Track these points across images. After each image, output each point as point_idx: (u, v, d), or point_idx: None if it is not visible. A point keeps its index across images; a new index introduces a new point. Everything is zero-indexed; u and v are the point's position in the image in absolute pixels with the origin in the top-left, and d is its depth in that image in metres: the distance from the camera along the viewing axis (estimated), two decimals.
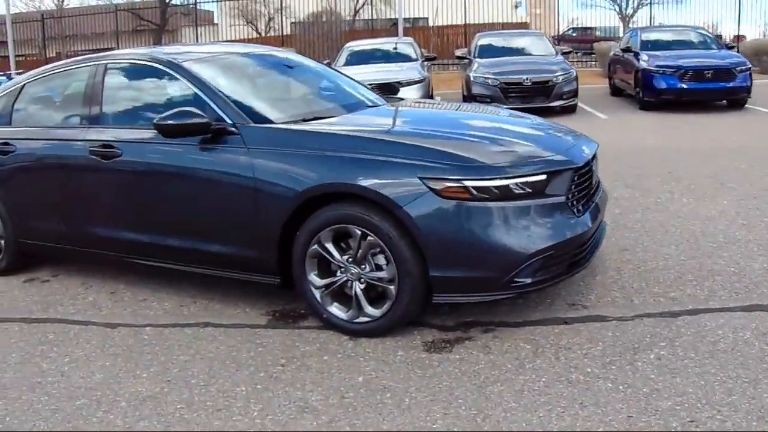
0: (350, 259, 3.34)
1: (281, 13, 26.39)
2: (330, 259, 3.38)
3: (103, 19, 24.32)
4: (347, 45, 12.94)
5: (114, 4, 23.66)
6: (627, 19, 21.16)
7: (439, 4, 24.99)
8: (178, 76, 3.88)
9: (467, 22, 25.40)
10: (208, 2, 26.64)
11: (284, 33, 27.57)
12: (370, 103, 4.46)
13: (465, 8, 24.74)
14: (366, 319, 3.35)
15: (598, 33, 28.68)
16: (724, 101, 11.39)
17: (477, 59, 12.03)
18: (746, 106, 11.47)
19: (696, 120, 10.47)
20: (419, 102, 4.89)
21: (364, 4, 25.77)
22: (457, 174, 3.11)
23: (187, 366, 3.18)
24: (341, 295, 3.43)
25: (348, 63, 11.62)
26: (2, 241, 4.66)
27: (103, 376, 3.13)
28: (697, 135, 9.26)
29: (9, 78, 12.77)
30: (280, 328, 3.56)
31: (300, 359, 3.19)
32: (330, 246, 3.36)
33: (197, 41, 24.86)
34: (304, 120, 3.76)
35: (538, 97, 10.92)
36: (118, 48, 24.48)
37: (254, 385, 2.98)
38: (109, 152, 3.94)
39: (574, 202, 3.44)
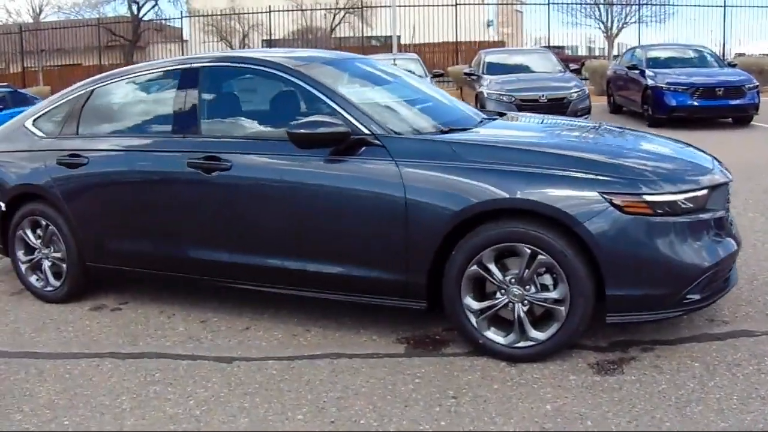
0: (513, 280, 3.06)
1: (255, 30, 26.08)
2: (491, 280, 3.09)
3: (75, 34, 23.42)
4: None
5: (86, 19, 22.82)
6: (612, 37, 21.65)
7: (414, 22, 25.10)
8: (296, 81, 3.50)
9: (442, 41, 25.64)
10: (181, 18, 26.09)
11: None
12: (485, 115, 4.18)
13: (439, 27, 24.96)
14: (529, 343, 3.09)
15: (568, 52, 29.33)
16: (730, 119, 11.60)
17: (487, 75, 11.90)
18: (751, 123, 11.68)
19: (707, 137, 10.37)
20: (533, 117, 4.67)
21: (340, 22, 25.65)
22: (636, 188, 2.92)
23: (344, 404, 2.82)
24: (496, 318, 3.16)
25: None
26: (63, 265, 4.12)
27: (249, 420, 2.72)
28: (717, 151, 9.28)
29: None
30: (424, 356, 3.24)
31: (469, 389, 2.90)
32: (492, 267, 3.07)
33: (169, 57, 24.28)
34: (441, 131, 3.46)
35: (554, 114, 10.95)
36: (99, 62, 23.74)
37: (437, 422, 2.67)
38: (215, 165, 3.51)
39: (729, 217, 3.34)
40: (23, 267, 4.26)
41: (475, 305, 3.14)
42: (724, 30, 19.29)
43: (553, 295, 3.03)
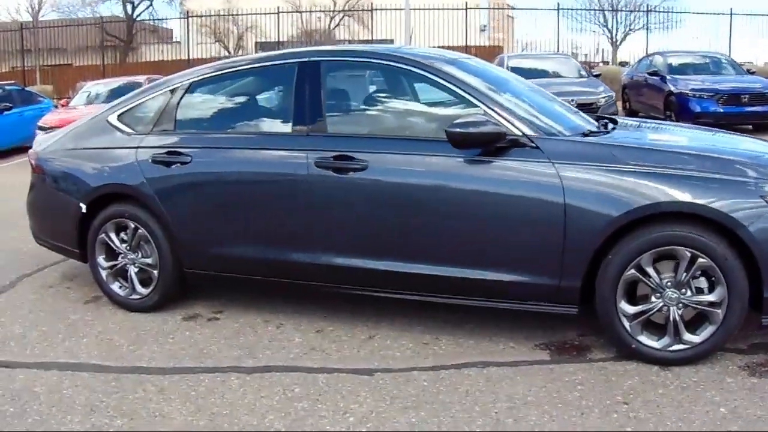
0: (670, 283, 2.93)
1: (251, 31, 25.71)
2: (647, 283, 2.95)
3: (68, 34, 22.77)
4: None
5: (81, 18, 22.22)
6: (617, 44, 21.78)
7: (413, 26, 24.93)
8: (435, 78, 3.29)
9: (436, 45, 25.51)
10: (178, 18, 25.59)
11: (246, 53, 26.85)
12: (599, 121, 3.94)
13: (436, 32, 24.83)
14: (683, 346, 2.98)
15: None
16: (750, 125, 11.55)
17: None
18: None
19: None
20: (651, 122, 4.58)
21: (338, 24, 25.40)
22: None
23: (518, 414, 2.65)
24: (647, 322, 3.03)
25: None
26: (154, 272, 3.80)
27: None
28: None
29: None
30: (573, 362, 3.10)
31: (636, 395, 2.78)
32: (651, 270, 2.94)
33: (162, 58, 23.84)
34: (584, 134, 3.28)
35: None
36: (103, 62, 23.07)
37: (623, 428, 2.52)
38: (348, 165, 3.26)
39: None
40: (104, 273, 3.93)
41: (630, 309, 3.01)
42: (730, 38, 19.50)
43: (710, 298, 2.96)
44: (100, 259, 3.92)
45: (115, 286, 3.92)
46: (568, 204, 2.98)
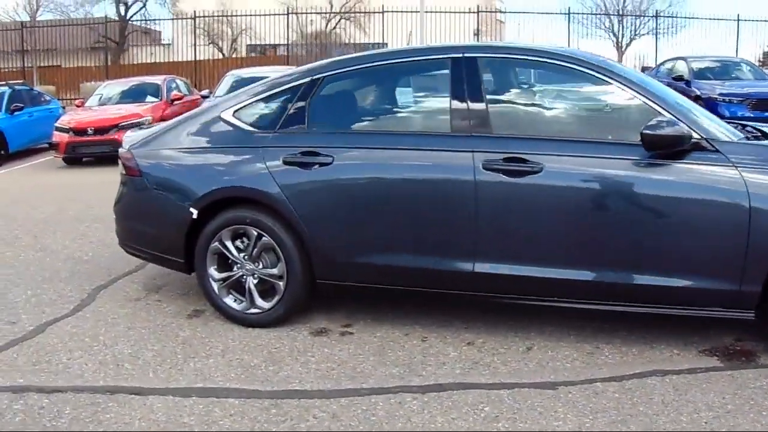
0: None
1: (245, 33, 25.15)
2: None
3: (60, 34, 21.92)
4: None
5: (74, 19, 21.37)
6: (623, 49, 21.81)
7: (405, 29, 24.69)
8: (609, 79, 3.05)
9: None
10: (168, 19, 24.87)
11: (241, 56, 26.29)
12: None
13: (431, 35, 24.63)
14: None
15: None
16: None
17: None
18: None
19: None
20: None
21: (335, 27, 24.97)
22: None
23: (729, 423, 2.44)
24: None
25: None
26: (280, 283, 3.38)
27: None
28: None
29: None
30: (747, 368, 2.91)
31: None
32: None
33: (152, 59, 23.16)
34: (747, 139, 3.11)
35: None
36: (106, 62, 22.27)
37: None
38: (521, 168, 2.98)
39: None
40: (215, 286, 3.49)
41: None
42: (738, 43, 19.66)
43: None
44: (212, 270, 3.48)
45: (229, 300, 3.49)
46: (753, 207, 2.79)
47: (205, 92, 10.84)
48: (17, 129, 10.70)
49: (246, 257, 3.43)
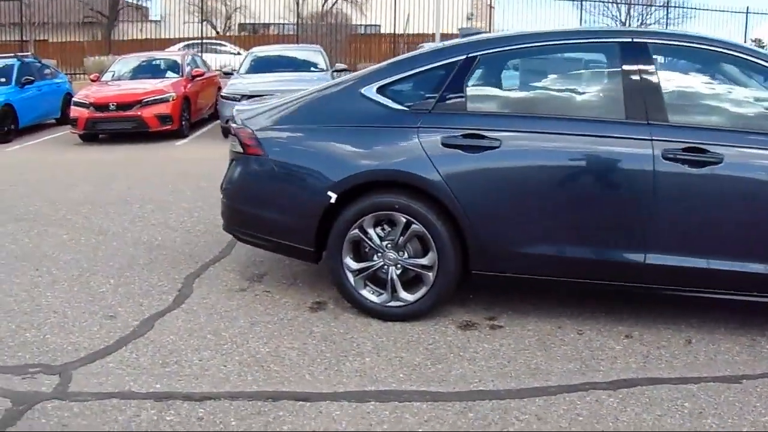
0: None
1: (240, 12, 24.28)
2: None
3: (50, 9, 20.69)
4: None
5: None
6: None
7: (396, 13, 24.10)
8: None
9: (423, 32, 24.80)
10: None
11: (233, 34, 25.39)
12: None
13: (423, 18, 24.11)
14: None
15: None
16: None
17: None
18: None
19: None
20: None
21: (332, 7, 24.20)
22: None
23: None
24: None
25: None
26: (429, 274, 3.01)
27: None
28: None
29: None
30: None
31: None
32: None
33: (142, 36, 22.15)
34: None
35: None
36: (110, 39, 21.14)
37: None
38: (700, 158, 2.74)
39: None
40: (352, 277, 3.11)
41: None
42: (746, 36, 19.54)
43: None
44: (348, 260, 3.09)
45: (366, 292, 3.11)
46: None
47: (227, 69, 10.28)
48: (27, 103, 9.89)
49: (389, 246, 3.05)
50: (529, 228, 2.94)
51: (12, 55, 10.64)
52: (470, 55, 3.07)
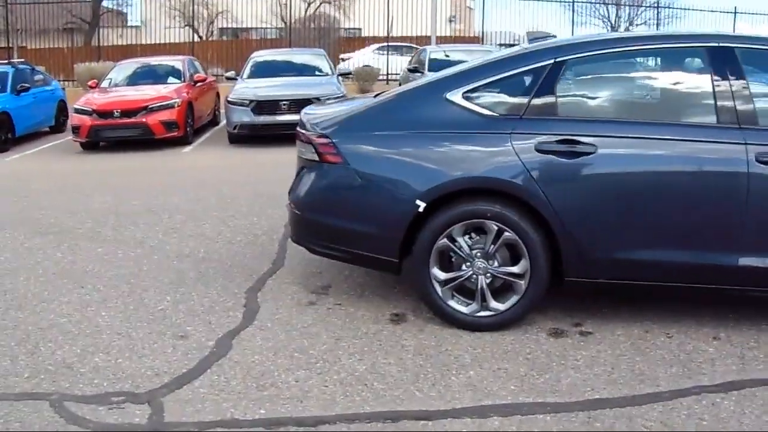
0: None
1: (222, 16, 23.82)
2: None
3: (30, 14, 19.97)
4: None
5: None
6: None
7: (375, 16, 23.99)
8: None
9: (412, 35, 24.70)
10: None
11: (210, 39, 24.92)
12: None
13: (405, 21, 24.01)
14: None
15: None
16: None
17: None
18: None
19: None
20: None
21: (316, 11, 23.91)
22: None
23: None
24: None
25: None
26: (521, 282, 2.90)
27: None
28: None
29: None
30: None
31: None
32: None
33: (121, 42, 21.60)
34: None
35: None
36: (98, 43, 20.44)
37: None
38: None
39: None
40: (439, 288, 2.96)
41: None
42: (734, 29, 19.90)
43: None
44: (435, 270, 2.94)
45: (454, 303, 2.97)
46: None
47: (229, 74, 9.99)
48: (23, 111, 9.43)
49: (478, 255, 2.93)
50: (625, 234, 2.85)
51: (6, 61, 10.20)
52: (558, 59, 2.97)
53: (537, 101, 2.93)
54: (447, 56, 11.09)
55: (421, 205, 2.87)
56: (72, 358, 2.84)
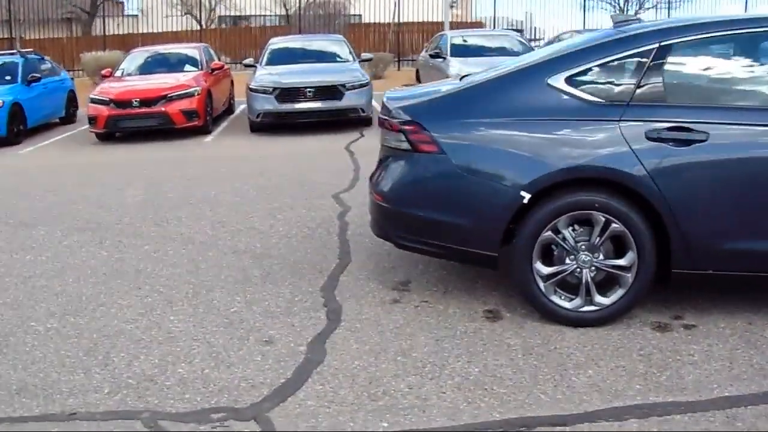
0: None
1: (222, 3, 23.30)
2: None
3: (31, 4, 19.39)
4: None
5: None
6: None
7: (377, 2, 23.54)
8: None
9: (418, 20, 24.26)
10: None
11: (210, 27, 24.40)
12: None
13: (408, 7, 23.58)
14: None
15: None
16: None
17: None
18: None
19: None
20: None
21: None
22: None
23: None
24: None
25: None
26: (627, 276, 2.70)
27: None
28: None
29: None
30: None
31: None
32: None
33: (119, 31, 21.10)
34: None
35: None
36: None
37: None
38: None
39: None
40: (542, 283, 2.74)
41: None
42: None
43: None
44: (539, 265, 2.72)
45: (557, 298, 2.75)
46: None
47: (248, 60, 9.64)
48: (35, 102, 9.04)
49: (583, 247, 2.70)
50: (736, 223, 2.65)
51: (15, 51, 9.79)
52: (663, 43, 2.74)
53: (644, 87, 2.72)
54: (465, 41, 10.80)
55: (526, 197, 2.64)
56: (152, 369, 2.57)
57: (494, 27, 19.87)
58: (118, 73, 9.35)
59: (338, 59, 9.52)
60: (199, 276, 3.59)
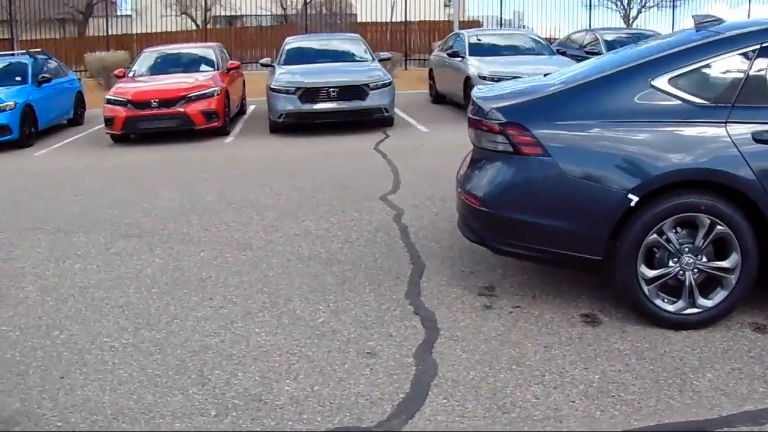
0: None
1: (218, 3, 22.95)
2: None
3: (27, 4, 18.93)
4: None
5: None
6: (631, 21, 21.45)
7: (373, 1, 23.38)
8: None
9: (416, 19, 24.16)
10: None
11: (208, 27, 24.07)
12: None
13: (403, 5, 23.46)
14: None
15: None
16: None
17: None
18: None
19: None
20: None
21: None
22: None
23: None
24: None
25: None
26: (731, 277, 2.65)
27: None
28: None
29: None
30: None
31: None
32: None
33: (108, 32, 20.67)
34: None
35: None
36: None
37: None
38: None
39: None
40: (645, 286, 2.67)
41: None
42: (749, 12, 19.57)
43: None
44: (643, 268, 2.65)
45: (660, 301, 2.69)
46: None
47: (265, 60, 9.44)
48: (45, 103, 8.76)
49: (687, 250, 2.65)
50: None
51: (24, 51, 9.49)
52: (765, 44, 2.68)
53: (748, 88, 2.67)
54: (479, 40, 10.69)
55: (634, 200, 2.57)
56: (255, 387, 2.42)
57: (500, 26, 19.82)
58: (131, 74, 9.11)
59: (356, 58, 9.36)
60: (270, 284, 3.44)
